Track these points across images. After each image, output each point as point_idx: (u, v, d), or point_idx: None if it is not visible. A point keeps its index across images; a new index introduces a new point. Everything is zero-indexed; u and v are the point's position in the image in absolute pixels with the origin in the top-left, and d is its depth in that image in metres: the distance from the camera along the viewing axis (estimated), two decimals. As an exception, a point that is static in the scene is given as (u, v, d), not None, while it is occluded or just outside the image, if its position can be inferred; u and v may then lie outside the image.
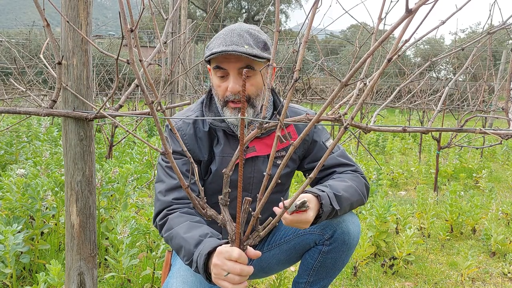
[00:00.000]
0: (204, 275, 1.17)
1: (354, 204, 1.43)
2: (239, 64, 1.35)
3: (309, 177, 0.90)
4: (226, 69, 1.36)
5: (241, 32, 1.37)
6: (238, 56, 1.33)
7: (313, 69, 6.46)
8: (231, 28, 1.40)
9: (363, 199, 1.48)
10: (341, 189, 1.38)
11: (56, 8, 1.24)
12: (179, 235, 1.27)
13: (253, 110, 1.42)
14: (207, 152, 1.48)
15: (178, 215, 1.34)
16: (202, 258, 1.15)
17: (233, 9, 36.98)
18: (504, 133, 1.02)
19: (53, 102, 1.39)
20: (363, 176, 1.54)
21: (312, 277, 1.55)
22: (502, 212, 3.40)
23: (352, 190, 1.42)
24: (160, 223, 1.38)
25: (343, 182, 1.43)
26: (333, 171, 1.55)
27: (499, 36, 9.92)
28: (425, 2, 0.66)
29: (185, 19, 6.26)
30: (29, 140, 4.81)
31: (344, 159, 1.57)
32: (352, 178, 1.49)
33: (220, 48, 1.33)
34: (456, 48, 1.48)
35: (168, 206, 1.38)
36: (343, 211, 1.40)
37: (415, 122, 10.50)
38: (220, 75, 1.39)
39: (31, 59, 6.43)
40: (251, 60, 1.34)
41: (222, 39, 1.36)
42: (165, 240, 1.37)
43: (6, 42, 6.60)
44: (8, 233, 1.87)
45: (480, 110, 5.69)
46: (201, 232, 1.24)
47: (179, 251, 1.28)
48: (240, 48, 1.31)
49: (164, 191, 1.41)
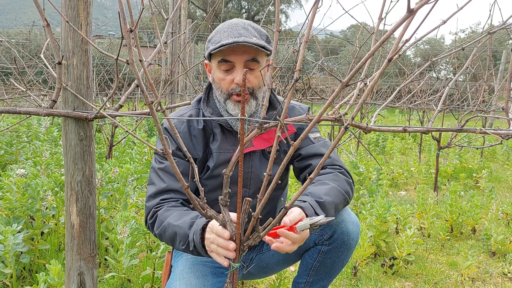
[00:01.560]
0: (202, 251, 1.22)
1: (339, 205, 1.39)
2: (246, 56, 1.36)
3: (309, 178, 0.90)
4: (232, 61, 1.37)
5: (245, 25, 1.39)
6: (245, 49, 1.34)
7: (313, 69, 6.45)
8: (233, 22, 1.41)
9: (347, 197, 1.43)
10: (323, 194, 1.34)
11: (56, 8, 1.24)
12: (171, 224, 1.30)
13: (255, 102, 1.45)
14: (201, 149, 1.49)
15: (165, 209, 1.38)
16: (198, 234, 1.20)
17: (233, 9, 36.98)
18: (504, 133, 1.02)
19: (53, 102, 1.39)
20: (342, 172, 1.49)
21: (311, 277, 1.55)
22: (502, 212, 3.40)
23: (334, 191, 1.37)
24: (150, 221, 1.41)
25: (324, 186, 1.39)
26: (309, 164, 1.51)
27: (499, 36, 9.92)
28: (426, 2, 0.66)
29: (185, 19, 6.26)
30: (29, 140, 4.81)
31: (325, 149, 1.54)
32: (332, 178, 1.44)
33: (230, 39, 1.33)
34: (456, 48, 1.48)
35: (156, 205, 1.41)
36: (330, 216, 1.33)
37: (415, 122, 10.50)
38: (225, 69, 1.40)
39: (31, 59, 6.43)
40: (257, 53, 1.37)
41: (229, 32, 1.36)
42: (158, 236, 1.39)
43: (6, 42, 6.60)
44: (8, 233, 1.87)
45: (480, 110, 5.69)
46: (192, 216, 1.29)
47: (174, 240, 1.30)
48: (250, 39, 1.33)
49: (153, 194, 1.43)
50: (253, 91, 1.42)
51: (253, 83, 1.41)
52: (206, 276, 1.43)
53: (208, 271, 1.47)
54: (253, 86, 1.42)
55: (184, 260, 1.52)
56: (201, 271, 1.44)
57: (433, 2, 0.68)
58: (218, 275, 1.49)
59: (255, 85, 1.42)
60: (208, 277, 1.43)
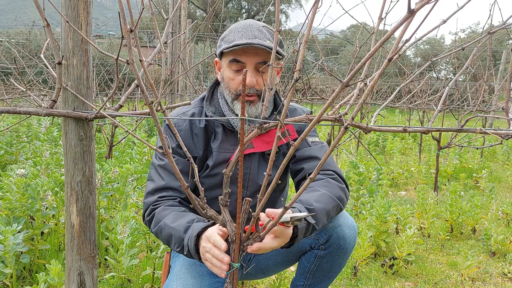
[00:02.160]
0: (196, 256, 1.22)
1: (331, 211, 1.35)
2: (257, 58, 1.37)
3: (309, 178, 0.90)
4: (244, 62, 1.37)
5: (259, 27, 1.39)
6: (257, 51, 1.35)
7: (313, 69, 6.45)
8: (248, 23, 1.40)
9: (340, 204, 1.39)
10: (313, 201, 1.30)
11: (56, 8, 1.24)
12: (167, 225, 1.30)
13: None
14: (202, 148, 1.49)
15: (162, 208, 1.38)
16: (193, 241, 1.20)
17: (233, 9, 36.98)
18: (504, 133, 1.02)
19: (53, 102, 1.39)
20: (334, 178, 1.45)
21: (309, 280, 1.55)
22: (502, 212, 3.40)
23: (325, 198, 1.33)
24: (147, 218, 1.41)
25: (314, 192, 1.35)
26: (302, 167, 1.49)
27: (499, 36, 9.93)
28: (427, 2, 0.66)
29: (185, 19, 6.26)
30: (29, 140, 4.82)
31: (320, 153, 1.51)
32: (324, 184, 1.41)
33: (244, 40, 1.33)
34: (456, 48, 1.48)
35: (154, 203, 1.41)
36: (321, 222, 1.31)
37: (415, 122, 10.50)
38: (235, 69, 1.40)
39: (31, 59, 6.42)
40: (268, 56, 1.36)
41: (243, 32, 1.36)
42: (155, 234, 1.39)
43: (6, 42, 6.60)
44: (8, 233, 1.87)
45: (480, 110, 5.69)
46: (188, 219, 1.29)
47: (169, 241, 1.31)
48: (264, 42, 1.33)
49: (152, 190, 1.44)
50: (261, 93, 1.42)
51: (261, 86, 1.41)
52: (204, 276, 1.43)
53: (206, 271, 1.47)
54: (261, 89, 1.41)
55: (182, 260, 1.52)
56: (198, 271, 1.44)
57: (433, 2, 0.68)
58: (216, 276, 1.49)
59: (263, 88, 1.41)
60: (205, 277, 1.43)
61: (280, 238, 1.17)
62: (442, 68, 16.40)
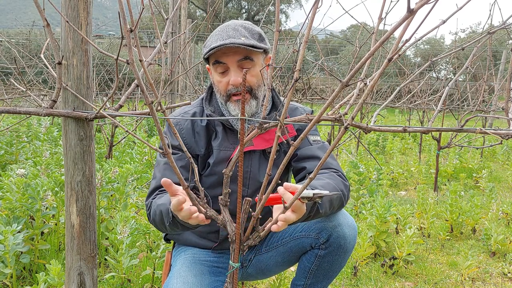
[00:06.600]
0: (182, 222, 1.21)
1: (334, 201, 1.36)
2: (237, 56, 1.38)
3: (309, 177, 0.90)
4: (225, 63, 1.39)
5: (236, 26, 1.41)
6: (236, 49, 1.36)
7: (313, 69, 6.45)
8: (225, 25, 1.44)
9: (343, 198, 1.40)
10: (319, 185, 1.31)
11: (56, 8, 1.24)
12: (158, 206, 1.31)
13: (256, 102, 1.45)
14: (204, 146, 1.50)
15: (159, 196, 1.40)
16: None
17: (233, 9, 36.98)
18: (504, 133, 1.02)
19: (53, 102, 1.39)
20: (338, 174, 1.47)
21: (309, 280, 1.55)
22: (502, 212, 3.40)
23: (330, 186, 1.35)
24: (147, 212, 1.42)
25: (320, 181, 1.37)
26: (304, 166, 1.49)
27: (499, 36, 9.93)
28: (426, 2, 0.66)
29: (185, 19, 6.26)
30: (29, 140, 4.82)
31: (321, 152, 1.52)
32: (329, 177, 1.43)
33: (218, 42, 1.35)
34: (456, 48, 1.48)
35: (154, 196, 1.43)
36: (324, 209, 1.31)
37: (415, 122, 10.50)
38: (220, 71, 1.42)
39: (31, 59, 6.43)
40: (249, 51, 1.38)
41: (218, 35, 1.39)
42: (152, 222, 1.39)
43: (6, 42, 6.60)
44: (8, 233, 1.87)
45: (480, 110, 5.69)
46: None
47: (162, 221, 1.30)
48: (237, 40, 1.35)
49: (154, 188, 1.45)
50: (251, 89, 1.43)
51: (250, 81, 1.42)
52: (204, 274, 1.43)
53: (206, 270, 1.47)
54: (251, 85, 1.42)
55: (183, 259, 1.52)
56: (199, 270, 1.45)
57: (433, 2, 0.68)
58: (216, 274, 1.49)
59: (253, 84, 1.42)
60: (206, 276, 1.43)
61: (297, 213, 1.16)
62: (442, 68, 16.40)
